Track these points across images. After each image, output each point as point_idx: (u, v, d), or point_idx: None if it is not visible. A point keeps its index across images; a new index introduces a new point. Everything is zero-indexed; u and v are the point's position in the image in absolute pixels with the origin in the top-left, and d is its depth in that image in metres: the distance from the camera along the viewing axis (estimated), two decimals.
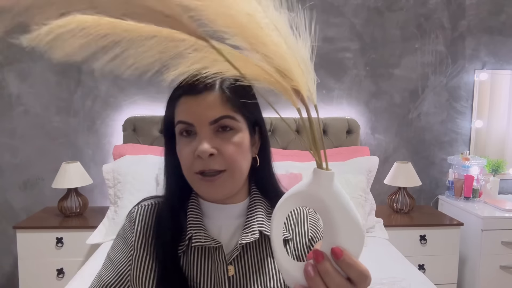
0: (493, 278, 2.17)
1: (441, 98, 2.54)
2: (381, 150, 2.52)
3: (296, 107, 0.42)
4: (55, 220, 2.09)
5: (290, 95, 0.42)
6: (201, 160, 0.63)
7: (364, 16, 2.44)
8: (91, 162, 2.36)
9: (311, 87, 0.41)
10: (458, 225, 2.16)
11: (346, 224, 0.42)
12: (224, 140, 0.64)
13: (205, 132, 0.63)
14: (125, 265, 0.71)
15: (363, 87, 2.49)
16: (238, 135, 0.66)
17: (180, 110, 0.66)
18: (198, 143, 0.63)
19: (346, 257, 0.42)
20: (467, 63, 2.53)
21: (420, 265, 2.14)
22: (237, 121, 0.66)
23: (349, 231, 0.42)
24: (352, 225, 0.42)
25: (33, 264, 2.00)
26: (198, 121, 0.64)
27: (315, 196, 0.42)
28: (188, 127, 0.65)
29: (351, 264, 0.42)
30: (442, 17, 2.48)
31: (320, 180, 0.42)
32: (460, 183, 2.39)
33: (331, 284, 0.42)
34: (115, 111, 2.36)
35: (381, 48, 2.47)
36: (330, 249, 0.42)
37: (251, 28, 0.38)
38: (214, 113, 0.64)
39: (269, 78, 0.42)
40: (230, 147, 0.64)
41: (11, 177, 2.35)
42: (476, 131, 2.56)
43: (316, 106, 0.42)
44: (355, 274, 0.42)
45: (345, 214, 0.42)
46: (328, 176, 0.42)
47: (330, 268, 0.42)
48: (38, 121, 2.33)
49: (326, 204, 0.42)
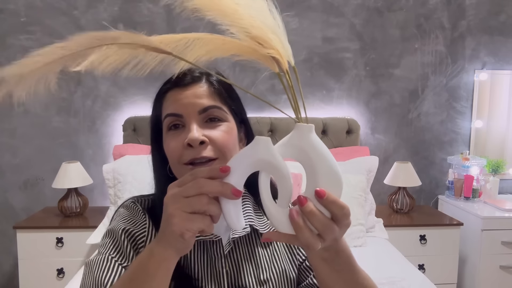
0: (493, 278, 2.17)
1: (441, 98, 2.54)
2: (381, 150, 2.53)
3: (276, 72, 0.46)
4: (55, 220, 2.09)
5: (270, 62, 0.46)
6: (191, 150, 0.62)
7: (364, 16, 2.44)
8: (91, 162, 2.36)
9: (287, 51, 0.46)
10: (458, 225, 2.17)
11: (326, 170, 0.45)
12: (214, 128, 0.64)
13: (194, 121, 0.63)
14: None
15: (363, 87, 2.49)
16: (227, 125, 0.66)
17: (168, 104, 0.66)
18: (187, 131, 0.63)
19: (328, 195, 0.44)
20: (467, 63, 2.53)
21: (420, 265, 2.14)
22: (225, 113, 0.66)
23: (329, 176, 0.45)
24: (331, 171, 0.45)
25: (33, 264, 2.01)
26: (187, 112, 0.64)
27: (297, 147, 0.46)
28: (177, 120, 0.65)
29: (334, 200, 0.44)
30: (442, 17, 2.49)
31: (301, 132, 0.46)
32: (460, 183, 2.39)
33: (316, 223, 0.44)
34: (115, 111, 2.36)
35: (381, 48, 2.47)
36: (313, 191, 0.44)
37: (228, 4, 0.44)
38: (203, 103, 0.64)
39: (248, 50, 0.45)
40: (221, 135, 0.64)
41: (11, 177, 2.35)
42: (476, 131, 2.56)
43: (294, 68, 0.47)
44: (338, 209, 0.44)
45: (325, 161, 0.45)
46: (307, 128, 0.46)
47: (313, 208, 0.44)
48: (38, 121, 2.33)
49: (307, 153, 0.46)
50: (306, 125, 0.47)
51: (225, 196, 0.46)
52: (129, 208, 0.73)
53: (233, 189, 0.45)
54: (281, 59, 0.45)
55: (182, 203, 0.45)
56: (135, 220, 0.70)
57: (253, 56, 0.46)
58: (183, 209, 0.45)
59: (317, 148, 0.46)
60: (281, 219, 0.46)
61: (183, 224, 0.45)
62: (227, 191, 0.45)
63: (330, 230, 0.44)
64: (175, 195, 0.46)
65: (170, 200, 0.46)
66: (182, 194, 0.45)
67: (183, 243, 0.47)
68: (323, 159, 0.45)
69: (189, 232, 0.45)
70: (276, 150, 0.47)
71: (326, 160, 0.46)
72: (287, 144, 0.47)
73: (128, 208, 0.73)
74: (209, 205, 0.45)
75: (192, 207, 0.45)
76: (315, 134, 0.47)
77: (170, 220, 0.45)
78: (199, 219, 0.45)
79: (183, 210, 0.45)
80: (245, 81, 2.40)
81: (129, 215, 0.71)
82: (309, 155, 0.46)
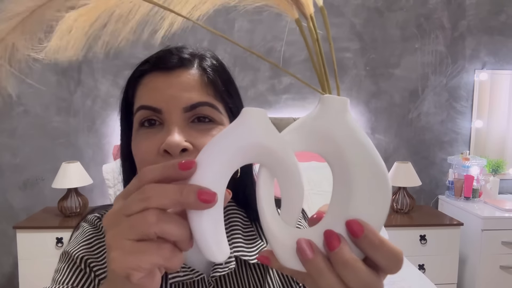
0: (493, 278, 2.17)
1: (441, 98, 2.54)
2: (381, 150, 2.52)
3: (294, 18, 0.32)
4: (55, 220, 2.09)
5: (284, 3, 0.31)
6: (168, 158, 0.45)
7: (364, 16, 2.44)
8: (91, 162, 2.36)
9: None
10: (458, 225, 2.16)
11: (367, 176, 0.28)
12: (201, 132, 0.48)
13: (176, 121, 0.47)
14: None
15: (363, 87, 2.49)
16: (219, 129, 0.50)
17: (143, 92, 0.50)
18: (166, 134, 0.46)
19: (369, 233, 0.27)
20: (467, 63, 2.53)
21: (420, 265, 2.14)
22: (219, 112, 0.50)
23: (371, 188, 0.28)
24: (376, 178, 0.28)
25: (33, 264, 2.00)
26: (168, 106, 0.47)
27: (321, 133, 0.29)
28: (153, 115, 0.48)
29: (378, 245, 0.27)
30: (442, 17, 2.48)
31: (330, 109, 0.29)
32: (460, 183, 2.39)
33: (351, 279, 0.27)
34: (115, 111, 2.36)
35: (381, 48, 2.47)
36: (344, 221, 0.28)
37: None
38: (191, 97, 0.48)
39: None
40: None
41: (11, 177, 2.34)
42: (476, 131, 2.56)
43: (323, 9, 0.32)
44: (384, 257, 0.28)
45: (366, 161, 0.28)
46: (340, 103, 0.29)
47: (350, 257, 0.27)
48: (38, 121, 2.33)
49: (337, 145, 0.29)
50: (338, 98, 0.30)
51: (188, 206, 0.28)
52: (94, 225, 0.57)
53: (199, 191, 0.28)
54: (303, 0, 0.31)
55: (122, 226, 0.29)
56: (98, 244, 0.54)
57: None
58: (125, 236, 0.28)
59: (355, 137, 0.29)
60: (287, 246, 0.29)
61: (126, 261, 0.28)
62: (189, 197, 0.28)
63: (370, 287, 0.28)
64: (116, 214, 0.30)
65: (108, 222, 0.30)
66: (123, 211, 0.29)
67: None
68: (365, 159, 0.28)
69: (137, 272, 0.28)
70: (282, 136, 0.30)
71: (371, 162, 0.28)
72: (304, 129, 0.30)
73: (93, 225, 0.57)
74: (162, 224, 0.28)
75: (136, 231, 0.28)
76: (351, 114, 0.30)
77: (109, 255, 0.29)
78: (151, 249, 0.28)
79: (125, 238, 0.28)
80: (245, 81, 2.40)
81: (93, 235, 0.55)
82: (341, 148, 0.29)
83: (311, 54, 0.31)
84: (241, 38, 2.32)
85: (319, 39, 0.31)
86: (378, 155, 0.29)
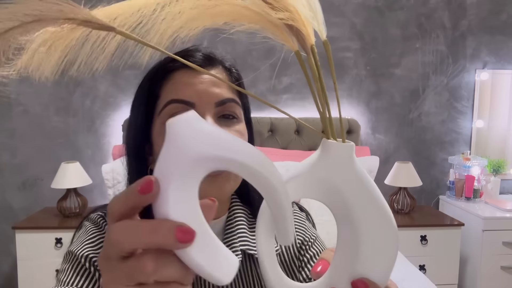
0: (494, 278, 2.16)
1: (442, 98, 2.53)
2: (382, 150, 2.52)
3: (293, 50, 0.28)
4: (54, 220, 2.08)
5: (284, 34, 0.27)
6: None
7: (364, 16, 2.43)
8: (90, 162, 2.35)
9: (316, 15, 0.27)
10: (459, 226, 2.16)
11: (375, 231, 0.27)
12: (229, 127, 0.51)
13: (210, 114, 0.50)
14: None
15: (363, 87, 2.48)
16: (241, 125, 0.54)
17: (174, 87, 0.51)
18: None
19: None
20: (468, 62, 2.52)
21: (420, 265, 2.13)
22: (241, 109, 0.54)
23: (379, 242, 0.27)
24: (384, 232, 0.27)
25: (32, 264, 2.00)
26: (201, 101, 0.50)
27: (328, 184, 0.27)
28: (184, 110, 0.43)
29: None
30: (443, 17, 2.48)
31: (335, 157, 0.27)
32: (461, 183, 2.38)
33: None
34: (115, 111, 2.35)
35: (382, 48, 2.47)
36: (350, 278, 0.28)
37: None
38: (221, 93, 0.51)
39: (249, 14, 0.28)
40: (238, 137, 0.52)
41: (10, 177, 2.34)
42: (477, 131, 2.55)
43: (326, 43, 0.28)
44: None
45: (375, 215, 0.27)
46: (346, 150, 0.27)
47: None
48: (37, 121, 2.32)
49: (345, 199, 0.27)
50: (343, 146, 0.28)
51: (167, 247, 0.25)
52: (97, 224, 0.57)
53: (178, 229, 0.24)
54: (303, 29, 0.27)
55: (118, 273, 0.26)
56: (102, 243, 0.52)
57: (257, 23, 0.29)
58: (123, 283, 0.25)
59: (363, 190, 0.27)
60: None
61: None
62: (166, 238, 0.24)
63: None
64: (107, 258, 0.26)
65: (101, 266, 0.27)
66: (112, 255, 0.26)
67: None
68: (373, 209, 0.27)
69: None
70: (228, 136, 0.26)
71: (378, 211, 0.27)
72: (306, 176, 0.28)
73: (96, 224, 0.57)
74: (161, 271, 0.25)
75: (134, 279, 0.25)
76: (357, 162, 0.28)
77: None
78: None
79: (122, 284, 0.25)
80: (245, 81, 2.38)
81: (96, 233, 0.55)
82: (348, 202, 0.27)
83: (313, 93, 0.28)
84: (241, 38, 2.31)
85: (321, 76, 0.27)
86: (386, 205, 0.28)
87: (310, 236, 0.64)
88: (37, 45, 0.27)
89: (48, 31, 0.27)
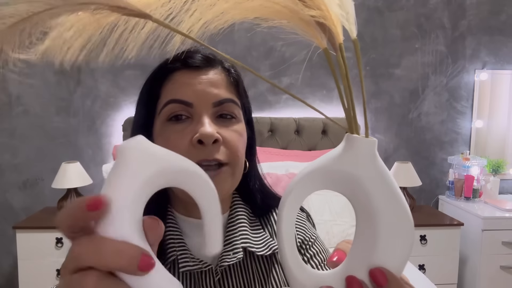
0: (493, 278, 2.16)
1: (442, 98, 2.54)
2: (381, 150, 2.52)
3: (322, 47, 0.29)
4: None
5: (313, 31, 0.28)
6: (202, 148, 0.49)
7: (364, 16, 2.44)
8: (91, 162, 2.35)
9: (347, 12, 0.28)
10: (458, 225, 2.16)
11: (394, 224, 0.28)
12: (227, 127, 0.53)
13: (207, 114, 0.51)
14: None
15: None
16: (241, 125, 0.55)
17: (173, 87, 0.52)
18: (198, 125, 0.50)
19: (393, 282, 0.28)
20: (467, 63, 2.52)
21: (420, 265, 2.13)
22: (240, 109, 0.55)
23: (397, 235, 0.28)
24: (402, 225, 0.28)
25: (33, 264, 2.00)
26: (199, 101, 0.51)
27: (350, 177, 0.28)
28: (183, 110, 0.51)
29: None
30: (443, 17, 2.48)
31: (357, 151, 0.28)
32: (460, 183, 2.39)
33: None
34: (115, 111, 2.36)
35: (381, 48, 2.47)
36: (367, 268, 0.28)
37: None
38: (219, 93, 0.52)
39: (280, 10, 0.28)
40: (235, 136, 0.53)
41: (10, 177, 2.34)
42: (477, 131, 2.56)
43: (356, 41, 0.29)
44: None
45: (395, 208, 0.28)
46: (369, 145, 0.29)
47: None
48: (38, 121, 2.33)
49: (366, 192, 0.28)
50: (366, 140, 0.29)
51: (123, 272, 0.24)
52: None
53: (143, 257, 0.24)
54: (333, 27, 0.28)
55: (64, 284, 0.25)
56: None
57: (288, 20, 0.29)
58: None
59: (385, 185, 0.28)
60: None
61: None
62: (130, 264, 0.24)
63: None
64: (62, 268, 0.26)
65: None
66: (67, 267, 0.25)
67: None
68: (392, 203, 0.28)
69: None
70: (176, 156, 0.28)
71: (397, 205, 0.28)
72: (330, 168, 0.29)
73: None
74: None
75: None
76: (379, 158, 0.29)
77: None
78: None
79: None
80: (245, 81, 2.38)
81: None
82: (369, 195, 0.28)
83: (339, 89, 0.29)
84: (241, 38, 2.32)
85: (348, 73, 0.28)
86: (404, 200, 0.29)
87: (311, 236, 0.65)
88: (63, 29, 0.27)
89: (78, 16, 0.27)
